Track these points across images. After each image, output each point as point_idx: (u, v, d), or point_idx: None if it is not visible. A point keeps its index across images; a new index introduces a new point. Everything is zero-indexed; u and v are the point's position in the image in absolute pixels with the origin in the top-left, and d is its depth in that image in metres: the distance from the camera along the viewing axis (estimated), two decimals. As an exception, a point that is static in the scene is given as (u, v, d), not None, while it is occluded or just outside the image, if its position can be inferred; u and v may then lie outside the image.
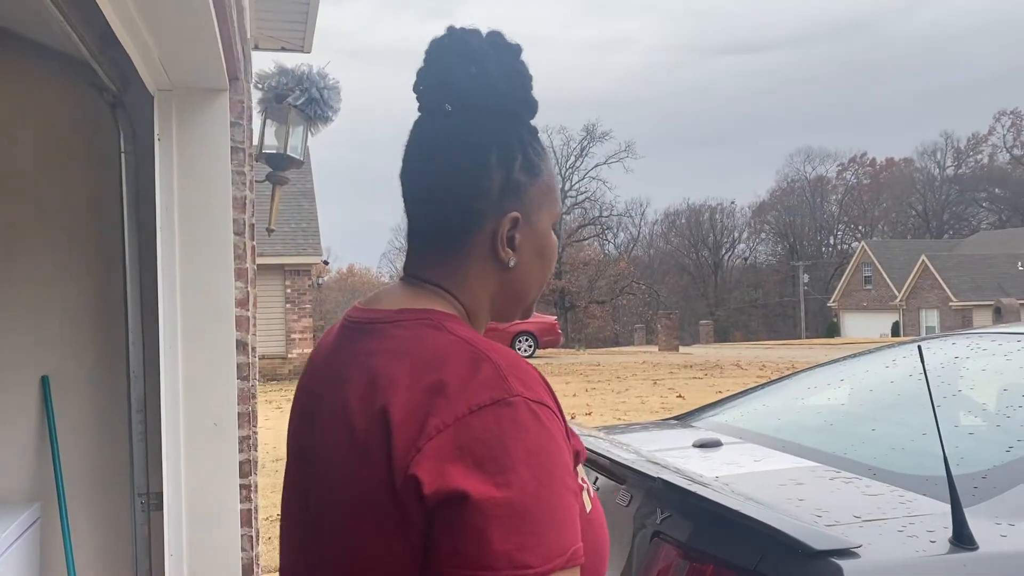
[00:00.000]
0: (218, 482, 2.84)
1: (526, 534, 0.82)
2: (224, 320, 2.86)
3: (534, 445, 0.85)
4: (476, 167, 0.99)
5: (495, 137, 1.00)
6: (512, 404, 0.86)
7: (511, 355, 0.93)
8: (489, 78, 1.00)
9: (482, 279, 1.01)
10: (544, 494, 0.84)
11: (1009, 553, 1.55)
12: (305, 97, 3.34)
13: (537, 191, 1.02)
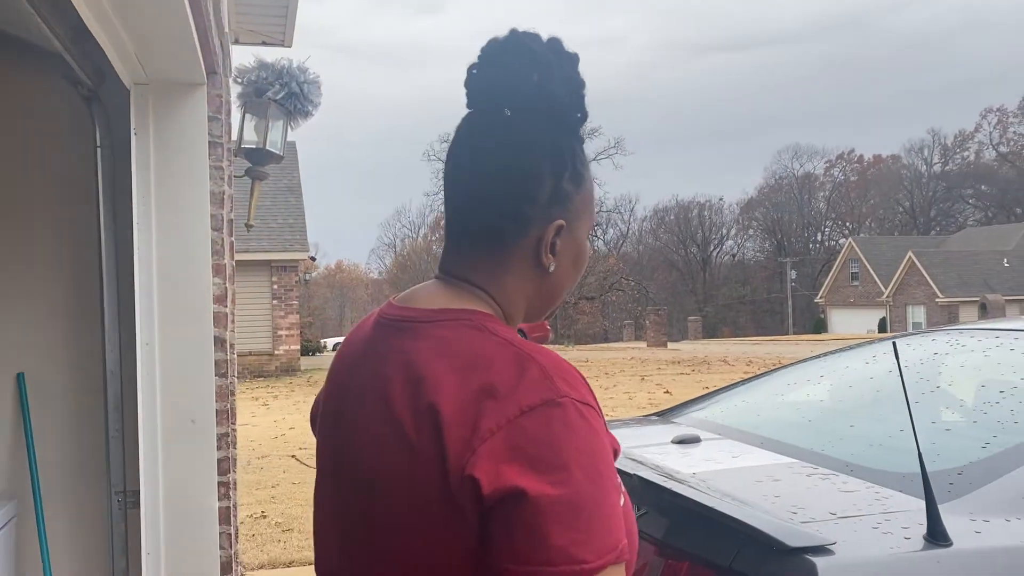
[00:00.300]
0: (196, 479, 2.82)
1: (580, 531, 0.84)
2: (202, 316, 2.83)
3: (584, 444, 0.88)
4: (530, 173, 1.00)
5: (550, 145, 1.01)
6: (561, 404, 0.88)
7: (554, 356, 0.95)
8: (551, 85, 1.01)
9: (522, 282, 1.03)
10: (595, 492, 0.86)
11: (983, 550, 1.55)
12: (285, 91, 3.31)
13: (581, 200, 1.04)
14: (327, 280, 66.58)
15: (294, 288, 19.42)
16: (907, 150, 68.95)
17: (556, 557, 0.84)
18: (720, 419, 2.53)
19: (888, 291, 46.34)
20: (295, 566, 5.07)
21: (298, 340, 19.70)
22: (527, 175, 1.01)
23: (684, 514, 1.69)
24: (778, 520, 1.59)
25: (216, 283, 2.91)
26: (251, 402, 14.25)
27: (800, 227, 68.36)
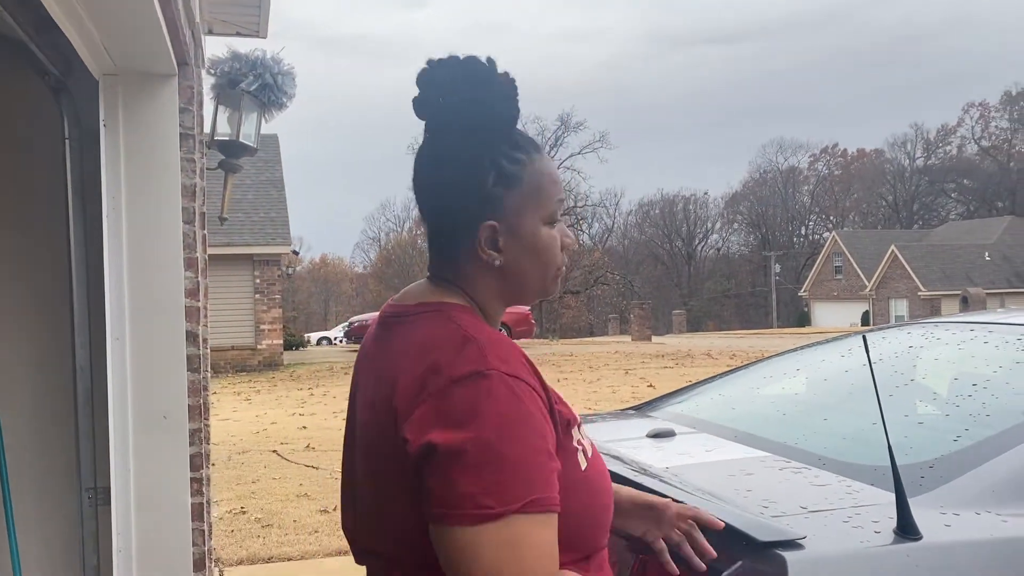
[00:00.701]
0: (168, 476, 2.78)
1: (486, 481, 0.99)
2: (173, 311, 2.79)
3: (503, 408, 1.02)
4: (454, 184, 1.16)
5: (468, 157, 1.15)
6: (488, 376, 1.03)
7: (496, 337, 1.11)
8: (473, 103, 1.14)
9: (481, 277, 1.18)
10: (507, 449, 1.00)
11: (953, 543, 1.54)
12: (259, 83, 3.26)
13: (519, 196, 1.16)
14: (311, 274, 66.31)
15: (277, 282, 19.31)
16: (890, 144, 69.45)
17: (463, 502, 0.99)
18: (696, 413, 2.52)
19: (871, 285, 46.63)
20: (274, 562, 5.04)
21: (281, 334, 19.60)
22: (452, 186, 1.16)
23: (655, 509, 1.68)
24: (748, 515, 1.58)
25: (188, 277, 2.87)
26: (233, 397, 14.18)
27: (784, 221, 68.67)
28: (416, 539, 1.06)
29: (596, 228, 65.82)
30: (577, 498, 1.11)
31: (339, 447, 7.38)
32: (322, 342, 36.63)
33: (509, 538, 1.00)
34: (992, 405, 2.02)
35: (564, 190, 1.27)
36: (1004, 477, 1.67)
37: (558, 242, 1.21)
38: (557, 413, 1.11)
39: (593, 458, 1.18)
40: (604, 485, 1.19)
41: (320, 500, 6.47)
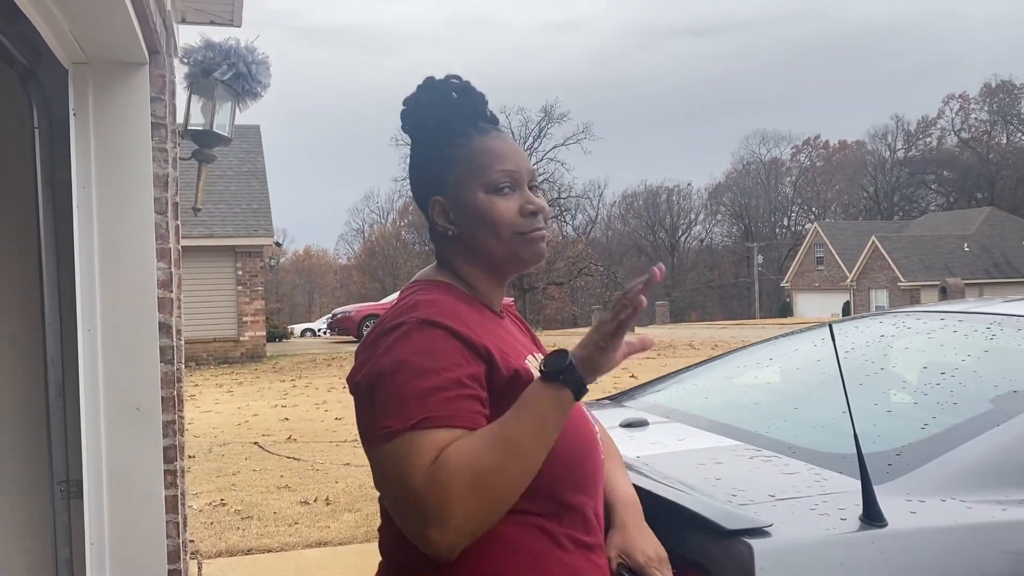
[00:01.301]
0: (141, 468, 2.76)
1: (389, 406, 1.18)
2: (146, 302, 2.77)
3: (413, 347, 1.21)
4: (414, 174, 1.43)
5: (419, 152, 1.42)
6: (406, 323, 1.23)
7: (440, 299, 1.29)
8: (415, 116, 1.41)
9: (452, 252, 1.38)
10: (406, 377, 1.18)
11: (917, 529, 1.56)
12: (232, 72, 3.23)
13: (456, 174, 1.36)
14: (295, 266, 65.99)
15: (259, 274, 19.21)
16: (871, 136, 69.84)
17: (372, 426, 1.20)
18: (670, 402, 2.53)
19: (852, 275, 46.95)
20: (254, 553, 5.02)
21: (264, 326, 19.50)
22: (420, 179, 1.42)
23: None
24: (716, 503, 1.59)
25: (161, 268, 2.85)
26: (215, 389, 14.11)
27: (767, 212, 68.98)
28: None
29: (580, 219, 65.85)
30: None
31: (320, 439, 7.34)
32: (306, 334, 36.49)
33: (407, 452, 1.15)
34: (959, 393, 2.04)
35: (516, 161, 1.38)
36: (969, 464, 1.69)
37: (508, 207, 1.34)
38: (503, 367, 1.26)
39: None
40: (568, 441, 1.26)
41: (301, 492, 6.45)
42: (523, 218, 1.35)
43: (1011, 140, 64.40)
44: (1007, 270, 44.31)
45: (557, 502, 1.27)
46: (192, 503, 6.13)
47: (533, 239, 1.36)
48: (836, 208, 69.25)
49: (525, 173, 1.37)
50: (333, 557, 4.87)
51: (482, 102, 1.42)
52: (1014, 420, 1.74)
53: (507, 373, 1.26)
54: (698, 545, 1.53)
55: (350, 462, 7.47)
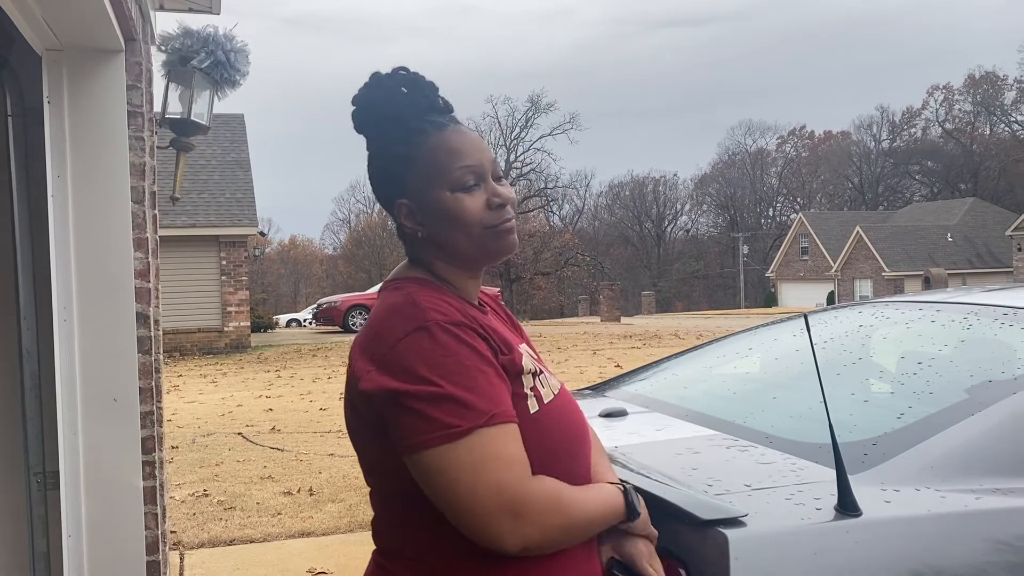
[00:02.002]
0: (119, 459, 2.74)
1: (449, 407, 1.17)
2: (123, 292, 2.74)
3: (447, 349, 1.20)
4: (373, 175, 1.40)
5: (375, 153, 1.39)
6: (428, 327, 1.22)
7: (437, 298, 1.28)
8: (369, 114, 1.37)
9: (423, 251, 1.36)
10: (457, 379, 1.18)
11: (892, 519, 1.56)
12: (211, 60, 3.19)
13: (417, 175, 1.34)
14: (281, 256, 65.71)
15: (244, 264, 19.10)
16: (856, 126, 70.15)
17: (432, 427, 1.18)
18: (650, 392, 2.53)
19: (837, 265, 47.21)
20: (236, 544, 5.00)
21: (248, 316, 19.40)
22: (374, 181, 1.40)
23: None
24: (692, 493, 1.59)
25: (138, 257, 2.82)
26: (199, 379, 14.05)
27: (753, 202, 69.20)
28: (384, 474, 1.28)
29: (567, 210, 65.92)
30: (527, 439, 1.23)
31: (304, 429, 7.33)
32: (291, 324, 36.38)
33: (479, 452, 1.16)
34: (936, 383, 2.05)
35: (477, 156, 1.35)
36: (944, 454, 1.69)
37: (475, 203, 1.33)
38: (503, 363, 1.26)
39: (551, 404, 1.32)
40: (563, 429, 1.32)
41: (284, 482, 6.44)
42: (491, 211, 1.34)
43: (994, 131, 64.82)
44: (989, 260, 44.67)
45: None
46: (174, 494, 6.10)
47: (503, 231, 1.35)
48: (821, 198, 69.55)
49: (488, 164, 1.36)
50: (316, 547, 4.86)
51: (433, 92, 1.39)
52: (988, 410, 1.75)
53: (509, 365, 1.28)
54: (674, 535, 1.53)
55: (334, 452, 7.45)
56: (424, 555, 1.27)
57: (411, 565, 1.29)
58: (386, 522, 1.34)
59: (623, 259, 65.10)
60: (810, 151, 70.98)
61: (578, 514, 1.27)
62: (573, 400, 1.41)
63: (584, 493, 1.32)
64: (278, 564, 4.58)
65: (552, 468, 1.27)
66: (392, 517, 1.32)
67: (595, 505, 1.32)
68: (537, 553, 1.23)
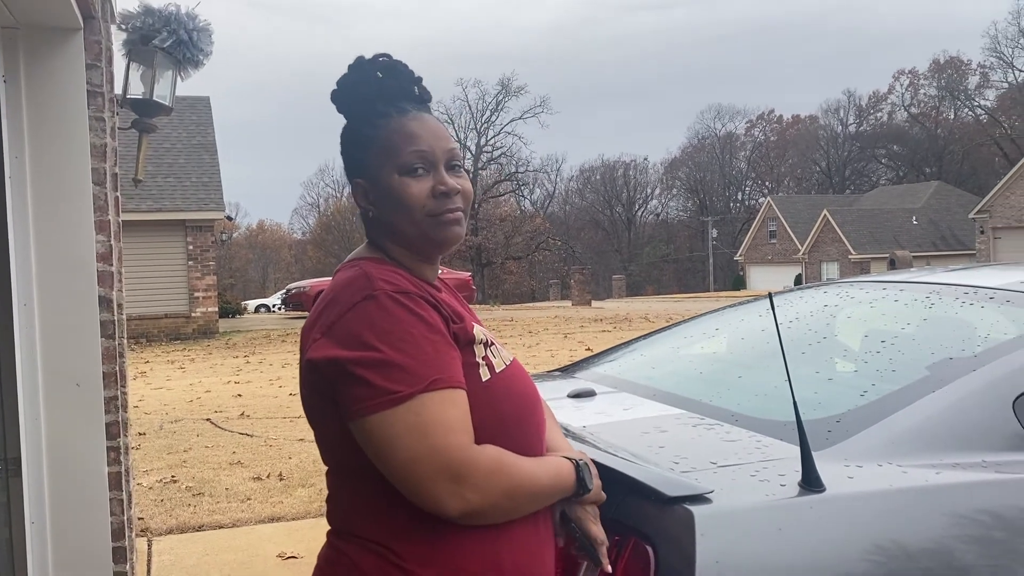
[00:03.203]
0: (82, 445, 2.71)
1: (392, 373, 1.20)
2: (84, 276, 2.70)
3: (394, 317, 1.23)
4: (343, 153, 1.44)
5: (344, 132, 1.43)
6: (376, 296, 1.25)
7: (390, 271, 1.31)
8: (341, 96, 1.42)
9: (375, 232, 1.40)
10: (402, 346, 1.21)
11: (854, 494, 1.59)
12: (173, 39, 3.13)
13: (374, 156, 1.38)
14: (248, 241, 65.03)
15: (211, 249, 18.88)
16: (824, 111, 70.72)
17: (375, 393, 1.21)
18: (618, 373, 2.54)
19: (804, 248, 47.73)
20: (205, 530, 4.97)
21: (216, 302, 19.21)
22: (345, 155, 1.44)
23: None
24: (658, 471, 1.60)
25: (100, 240, 2.78)
26: (167, 365, 13.90)
27: (722, 186, 69.65)
28: (340, 449, 1.29)
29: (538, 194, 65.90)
30: (478, 407, 1.26)
31: (274, 415, 7.25)
32: (260, 309, 36.09)
33: (420, 417, 1.19)
34: (898, 361, 2.08)
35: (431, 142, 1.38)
36: (905, 430, 1.72)
37: (420, 188, 1.35)
38: (455, 331, 1.30)
39: (503, 373, 1.35)
40: (513, 398, 1.35)
41: (253, 467, 6.40)
42: (434, 199, 1.35)
43: (958, 115, 65.70)
44: (953, 243, 45.40)
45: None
46: (142, 480, 6.04)
47: (445, 221, 1.36)
48: (789, 182, 70.17)
49: (441, 153, 1.37)
50: (286, 532, 4.84)
51: (409, 81, 1.42)
52: (948, 386, 1.78)
53: (460, 335, 1.31)
54: (641, 513, 1.54)
55: (304, 437, 7.41)
56: (377, 535, 1.28)
57: (365, 545, 1.29)
58: (341, 502, 1.35)
59: (594, 243, 65.30)
60: (778, 135, 71.52)
61: (523, 481, 1.29)
62: (525, 372, 1.45)
63: (533, 463, 1.34)
64: (247, 549, 4.56)
65: (503, 436, 1.30)
66: (346, 496, 1.33)
67: (542, 474, 1.34)
68: (481, 520, 1.25)
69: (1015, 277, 2.34)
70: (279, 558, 4.35)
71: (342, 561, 1.31)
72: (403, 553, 1.26)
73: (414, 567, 1.25)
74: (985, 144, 61.49)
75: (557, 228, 60.67)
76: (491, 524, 1.28)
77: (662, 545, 1.50)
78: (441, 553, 1.26)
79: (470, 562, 1.27)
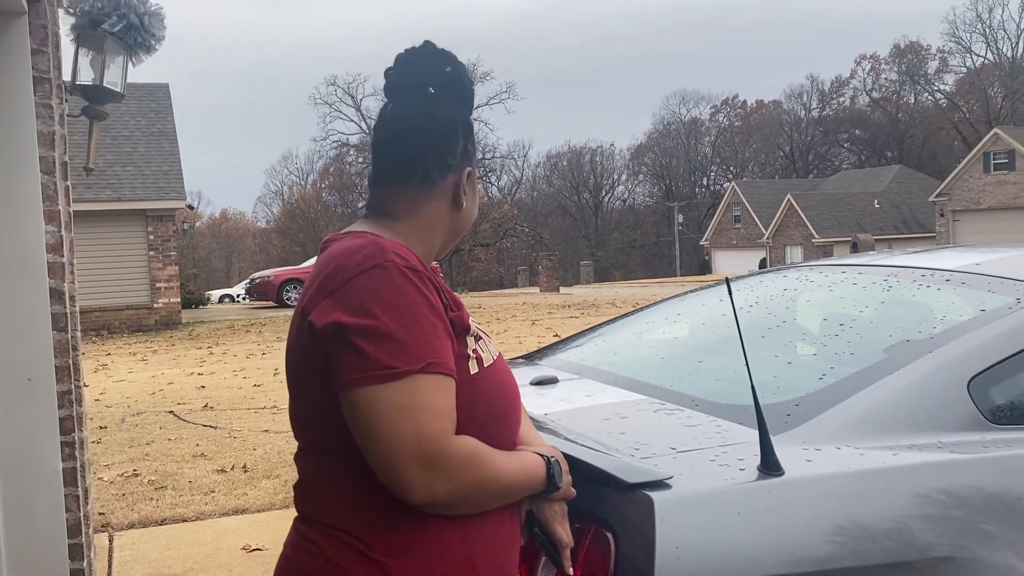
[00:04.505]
0: (36, 441, 2.65)
1: (390, 347, 1.18)
2: (34, 267, 2.63)
3: (402, 291, 1.21)
4: (452, 134, 1.38)
5: (462, 117, 1.40)
6: (386, 267, 1.22)
7: (400, 244, 1.29)
8: (459, 76, 1.40)
9: (438, 216, 1.38)
10: (405, 321, 1.19)
11: (813, 477, 1.59)
12: (123, 23, 3.05)
13: (470, 149, 1.41)
14: (212, 230, 64.20)
15: (172, 238, 18.58)
16: (788, 96, 71.30)
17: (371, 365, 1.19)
18: (580, 359, 2.53)
19: (768, 232, 48.20)
20: (168, 523, 4.90)
21: (179, 293, 18.93)
22: (450, 135, 1.38)
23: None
24: (618, 457, 1.60)
25: (50, 231, 2.71)
26: (128, 358, 13.69)
27: (687, 172, 70.06)
28: (323, 425, 1.26)
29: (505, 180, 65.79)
30: (463, 400, 1.25)
31: (238, 406, 7.15)
32: (224, 300, 35.66)
33: (409, 397, 1.17)
34: (856, 343, 2.10)
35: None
36: (862, 412, 1.73)
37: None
38: (452, 318, 1.28)
39: (490, 368, 1.34)
40: (497, 394, 1.34)
41: (217, 460, 6.33)
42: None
43: (918, 100, 66.63)
44: (914, 226, 46.12)
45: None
46: (103, 475, 5.95)
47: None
48: (753, 167, 70.77)
49: None
50: (250, 524, 4.79)
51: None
52: (905, 368, 1.79)
53: (457, 321, 1.31)
54: (601, 500, 1.53)
55: (269, 428, 7.35)
56: (348, 524, 1.26)
57: (334, 534, 1.27)
58: (313, 487, 1.32)
59: (561, 229, 65.40)
60: (743, 120, 72.04)
61: (495, 476, 1.28)
62: (509, 370, 1.44)
63: (506, 457, 1.33)
64: (211, 542, 4.50)
65: (483, 430, 1.28)
66: (320, 482, 1.30)
67: (515, 470, 1.33)
68: (446, 510, 1.24)
69: (971, 259, 2.37)
70: (244, 550, 4.30)
71: (309, 549, 1.29)
72: (373, 544, 1.24)
73: (384, 558, 1.23)
74: (944, 128, 62.48)
75: (525, 215, 60.66)
76: (463, 518, 1.27)
77: (622, 531, 1.50)
78: (413, 546, 1.24)
79: (441, 556, 1.25)
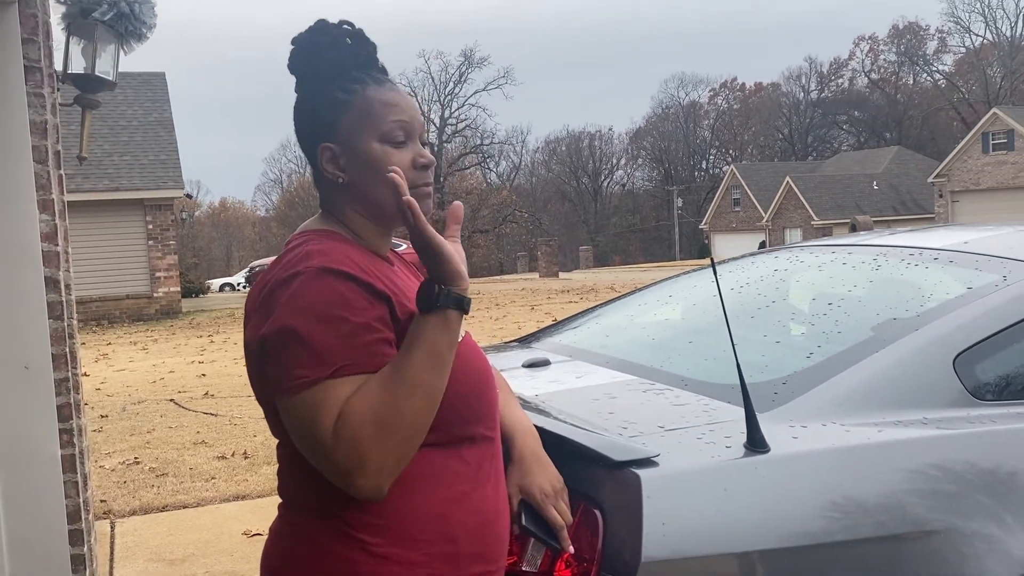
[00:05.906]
0: (34, 428, 2.67)
1: (304, 356, 1.19)
2: (29, 256, 2.65)
3: (317, 297, 1.21)
4: (301, 117, 1.40)
5: (307, 94, 1.39)
6: (303, 273, 1.23)
7: (331, 247, 1.28)
8: (299, 55, 1.38)
9: (339, 200, 1.37)
10: (318, 327, 1.19)
11: (798, 454, 1.61)
12: (114, 12, 3.05)
13: (349, 121, 1.34)
14: (211, 219, 64.13)
15: (171, 228, 18.59)
16: (786, 78, 71.05)
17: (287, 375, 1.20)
18: (573, 342, 2.55)
19: (767, 215, 48.16)
20: (169, 510, 4.94)
21: (178, 282, 18.96)
22: (301, 120, 1.40)
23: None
24: (605, 436, 1.62)
25: (44, 220, 2.72)
26: (129, 347, 13.73)
27: (686, 155, 69.91)
28: (278, 419, 1.28)
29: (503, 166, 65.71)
30: None
31: (239, 394, 7.18)
32: (225, 288, 35.70)
33: (321, 401, 1.18)
34: (844, 322, 2.11)
35: (411, 113, 1.38)
36: (848, 390, 1.75)
37: (402, 158, 1.34)
38: (400, 310, 1.27)
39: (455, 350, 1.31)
40: (464, 376, 1.31)
41: (218, 447, 6.36)
42: (415, 171, 1.35)
43: (917, 81, 66.40)
44: (913, 207, 46.05)
45: (451, 434, 1.31)
46: (104, 463, 5.98)
47: (421, 194, 1.35)
48: (752, 150, 70.61)
49: (418, 126, 1.38)
50: (251, 510, 4.83)
51: (375, 51, 1.41)
52: (890, 346, 1.81)
53: (404, 316, 1.28)
54: (589, 478, 1.55)
55: (269, 415, 7.38)
56: (328, 505, 1.28)
57: (312, 515, 1.30)
58: (292, 475, 1.35)
59: (561, 214, 65.35)
60: (741, 103, 71.81)
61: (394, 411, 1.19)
62: (477, 347, 1.44)
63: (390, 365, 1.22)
64: (212, 528, 4.54)
65: (454, 406, 1.29)
66: (297, 469, 1.32)
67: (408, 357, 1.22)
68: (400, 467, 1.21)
69: (959, 238, 2.38)
70: (244, 535, 4.34)
71: (292, 531, 1.32)
72: (354, 522, 1.26)
73: (364, 535, 1.25)
74: (943, 109, 62.28)
75: (524, 200, 60.62)
76: (445, 493, 1.29)
77: (610, 509, 1.52)
78: (393, 522, 1.26)
79: (422, 531, 1.27)
